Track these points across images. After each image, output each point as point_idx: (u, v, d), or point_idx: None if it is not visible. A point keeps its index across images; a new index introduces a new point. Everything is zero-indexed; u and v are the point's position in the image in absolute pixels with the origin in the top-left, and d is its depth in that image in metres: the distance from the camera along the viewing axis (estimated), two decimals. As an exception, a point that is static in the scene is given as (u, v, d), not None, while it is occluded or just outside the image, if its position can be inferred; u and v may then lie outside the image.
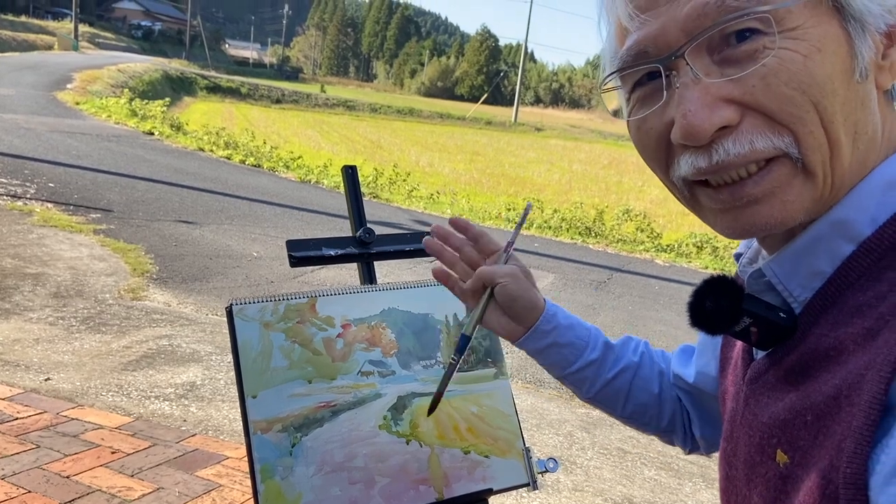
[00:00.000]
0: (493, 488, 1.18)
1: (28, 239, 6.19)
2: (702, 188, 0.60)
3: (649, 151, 0.63)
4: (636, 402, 0.97)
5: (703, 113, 0.55)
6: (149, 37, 77.08)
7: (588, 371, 0.94)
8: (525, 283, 0.91)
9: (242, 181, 11.14)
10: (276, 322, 1.14)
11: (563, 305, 0.94)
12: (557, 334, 0.92)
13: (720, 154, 0.56)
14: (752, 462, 0.63)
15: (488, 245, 0.97)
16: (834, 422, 0.52)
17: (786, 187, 0.56)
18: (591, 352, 0.94)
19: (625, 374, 0.96)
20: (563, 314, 0.94)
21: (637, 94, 0.62)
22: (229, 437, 3.21)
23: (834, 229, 0.58)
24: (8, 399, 3.28)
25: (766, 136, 0.55)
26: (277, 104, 40.33)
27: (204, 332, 4.60)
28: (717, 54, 0.56)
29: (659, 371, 1.00)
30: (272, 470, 1.06)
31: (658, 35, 0.57)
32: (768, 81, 0.54)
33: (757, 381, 0.64)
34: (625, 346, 1.00)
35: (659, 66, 0.58)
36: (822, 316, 0.58)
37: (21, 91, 19.27)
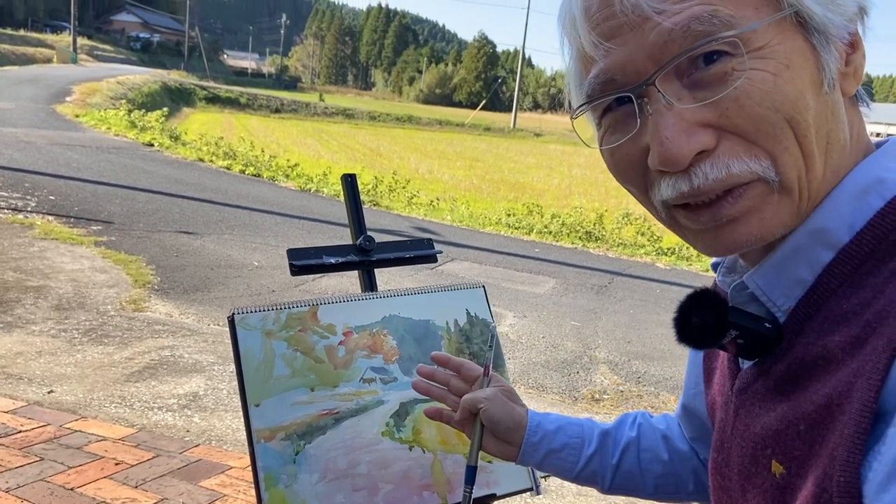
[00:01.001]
0: (497, 493, 1.18)
1: (29, 252, 6.20)
2: (680, 210, 0.60)
3: (626, 177, 0.63)
4: (653, 476, 0.97)
5: (680, 139, 0.55)
6: (147, 48, 77.36)
7: (593, 465, 0.95)
8: (505, 404, 0.93)
9: (242, 191, 11.16)
10: (279, 331, 1.14)
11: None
12: (549, 442, 0.93)
13: (700, 178, 0.56)
14: (746, 472, 0.63)
15: (470, 372, 0.99)
16: (827, 430, 0.52)
17: (762, 206, 0.56)
18: (588, 447, 0.95)
19: (629, 454, 0.96)
20: (548, 421, 0.95)
21: (607, 121, 0.62)
22: (232, 447, 3.21)
23: (812, 238, 0.58)
24: (11, 412, 3.28)
25: (742, 161, 0.55)
26: (276, 114, 40.40)
27: (206, 343, 4.60)
28: (687, 78, 0.56)
29: (662, 436, 0.99)
30: (276, 478, 1.07)
31: (626, 63, 0.57)
32: (741, 103, 0.54)
33: (746, 391, 0.64)
34: (620, 426, 1.00)
35: (630, 94, 0.57)
36: (806, 324, 0.58)
37: (20, 104, 19.32)
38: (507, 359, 4.98)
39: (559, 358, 5.23)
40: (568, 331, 5.92)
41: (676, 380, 5.01)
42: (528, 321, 6.03)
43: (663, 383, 4.93)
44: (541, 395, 4.47)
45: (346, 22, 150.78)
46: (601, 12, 0.57)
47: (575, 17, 0.60)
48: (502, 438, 0.93)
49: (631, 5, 0.55)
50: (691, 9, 0.53)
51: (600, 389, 4.72)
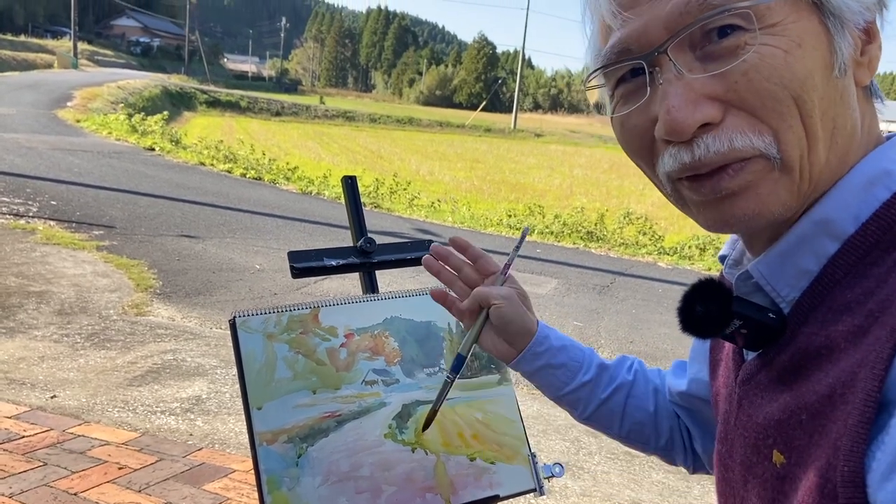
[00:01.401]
0: (500, 494, 1.18)
1: (31, 257, 6.21)
2: (683, 182, 0.61)
3: (634, 147, 0.63)
4: (632, 420, 0.97)
5: (686, 109, 0.55)
6: (148, 53, 77.46)
7: (582, 392, 0.95)
8: (520, 307, 0.92)
9: (244, 194, 11.17)
10: (280, 333, 1.14)
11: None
12: (550, 356, 0.93)
13: (701, 149, 0.56)
14: (748, 463, 0.63)
15: (487, 266, 0.98)
16: (829, 420, 0.52)
17: (761, 182, 0.57)
18: (584, 373, 0.95)
19: (619, 394, 0.97)
20: (555, 336, 0.95)
21: (620, 91, 0.63)
22: (236, 451, 3.21)
23: (818, 228, 0.58)
24: (14, 417, 3.28)
25: (745, 136, 0.55)
26: (277, 117, 40.43)
27: (208, 346, 4.60)
28: (699, 50, 0.56)
29: (654, 389, 1.00)
30: (279, 481, 1.07)
31: (641, 32, 0.58)
32: (750, 77, 0.54)
33: (749, 381, 0.65)
34: (619, 365, 1.00)
35: (642, 63, 0.58)
36: (810, 314, 0.58)
37: (21, 110, 19.36)
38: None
39: (562, 358, 5.23)
40: (570, 331, 5.92)
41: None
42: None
43: (666, 383, 4.93)
44: (544, 396, 4.47)
45: (345, 24, 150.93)
46: None
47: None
48: (506, 340, 0.92)
49: None
50: None
51: (603, 389, 4.72)
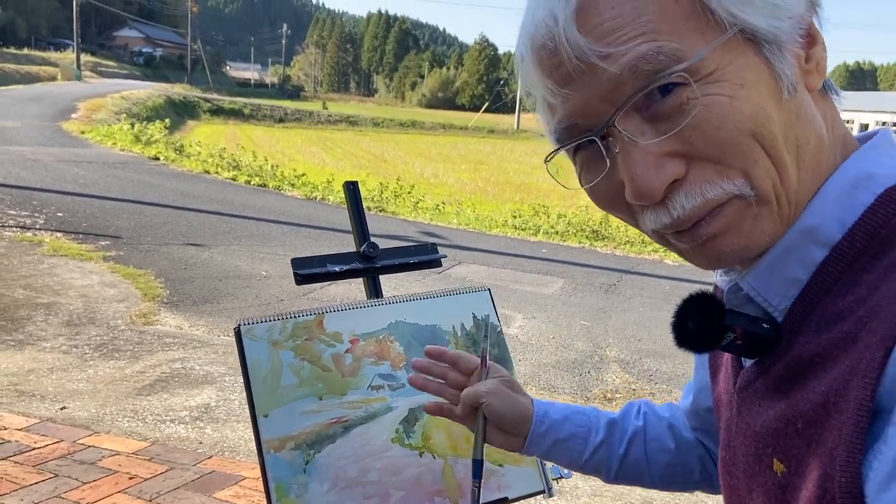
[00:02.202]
0: (509, 497, 1.18)
1: (39, 269, 6.24)
2: (668, 233, 0.61)
3: (614, 209, 0.63)
4: (659, 465, 0.96)
5: (650, 174, 0.55)
6: (150, 63, 77.72)
7: (600, 454, 0.94)
8: (507, 397, 0.91)
9: (248, 201, 11.19)
10: (285, 340, 1.14)
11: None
12: (556, 432, 0.92)
13: (678, 210, 0.56)
14: (750, 472, 0.63)
15: (467, 364, 0.97)
16: (824, 429, 0.52)
17: (739, 221, 0.57)
18: (595, 435, 0.94)
19: (636, 444, 0.96)
20: (554, 410, 0.94)
21: (580, 159, 0.62)
22: (245, 458, 3.21)
23: (804, 237, 0.58)
24: (25, 429, 3.30)
25: (715, 184, 0.55)
26: (280, 123, 40.55)
27: (216, 354, 4.61)
28: (646, 111, 0.56)
29: (668, 425, 0.98)
30: (287, 488, 1.07)
31: (584, 107, 0.57)
32: (702, 130, 0.54)
33: (747, 389, 0.64)
34: (627, 415, 0.99)
35: (594, 138, 0.58)
36: (804, 322, 0.58)
37: (26, 123, 19.47)
38: (518, 360, 4.97)
39: (570, 358, 5.22)
40: (578, 330, 5.91)
41: (689, 376, 4.97)
42: (537, 322, 6.02)
43: (675, 380, 4.91)
44: (552, 396, 4.46)
45: (346, 29, 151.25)
46: (551, 61, 0.57)
47: (530, 68, 0.60)
48: (507, 431, 0.91)
49: (576, 54, 0.55)
50: (636, 49, 0.53)
51: (612, 388, 4.71)
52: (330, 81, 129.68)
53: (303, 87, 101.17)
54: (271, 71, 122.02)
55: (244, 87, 76.28)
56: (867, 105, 68.99)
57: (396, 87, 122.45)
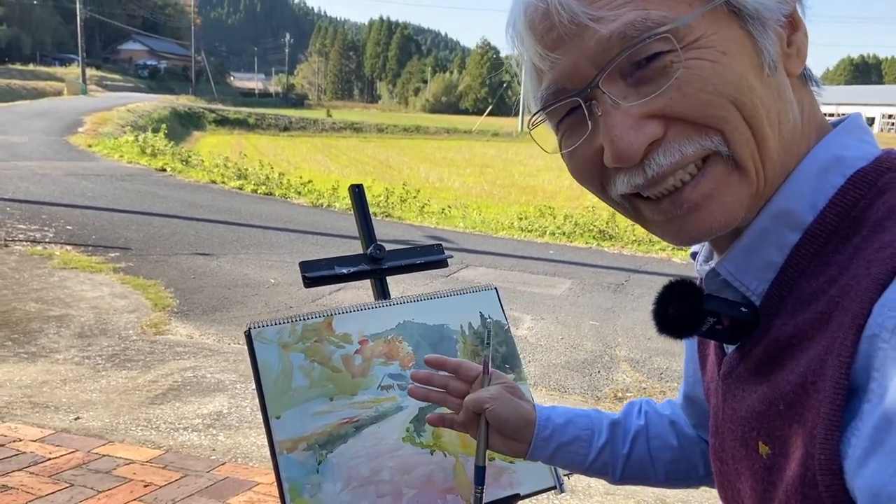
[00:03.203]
0: (521, 493, 1.18)
1: (50, 282, 6.28)
2: (643, 202, 0.62)
3: (584, 176, 0.64)
4: (663, 462, 0.96)
5: (629, 135, 0.57)
6: (155, 75, 78.12)
7: (604, 456, 0.94)
8: (510, 402, 0.91)
9: (255, 210, 11.24)
10: (295, 342, 1.15)
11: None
12: (559, 436, 0.92)
13: (653, 168, 0.58)
14: (738, 456, 0.64)
15: (469, 372, 0.97)
16: (804, 409, 0.53)
17: (723, 187, 0.58)
18: (598, 437, 0.94)
19: (639, 442, 0.96)
20: (557, 414, 0.94)
21: (563, 127, 0.64)
22: (258, 464, 3.23)
23: (777, 220, 0.59)
24: (40, 440, 3.32)
25: (693, 141, 0.57)
26: (285, 132, 40.67)
27: (227, 362, 4.64)
28: (630, 77, 0.58)
29: (669, 423, 0.99)
30: (300, 489, 1.08)
31: (572, 71, 0.59)
32: (684, 91, 0.56)
33: (730, 375, 0.65)
34: (628, 415, 0.99)
35: (578, 100, 0.59)
36: (781, 305, 0.59)
37: (34, 137, 19.60)
38: (527, 362, 4.97)
39: (579, 358, 5.22)
40: (587, 331, 5.90)
41: (699, 374, 4.97)
42: (546, 323, 6.02)
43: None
44: (563, 397, 4.46)
45: (348, 37, 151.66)
46: (543, 24, 0.59)
47: (521, 33, 0.62)
48: (510, 436, 0.92)
49: (568, 16, 0.57)
50: (626, 15, 0.55)
51: (623, 388, 4.70)
52: (333, 89, 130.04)
53: (306, 95, 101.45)
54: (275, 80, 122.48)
55: (248, 97, 76.62)
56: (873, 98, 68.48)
57: (400, 92, 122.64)
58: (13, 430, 3.42)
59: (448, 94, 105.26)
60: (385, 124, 47.57)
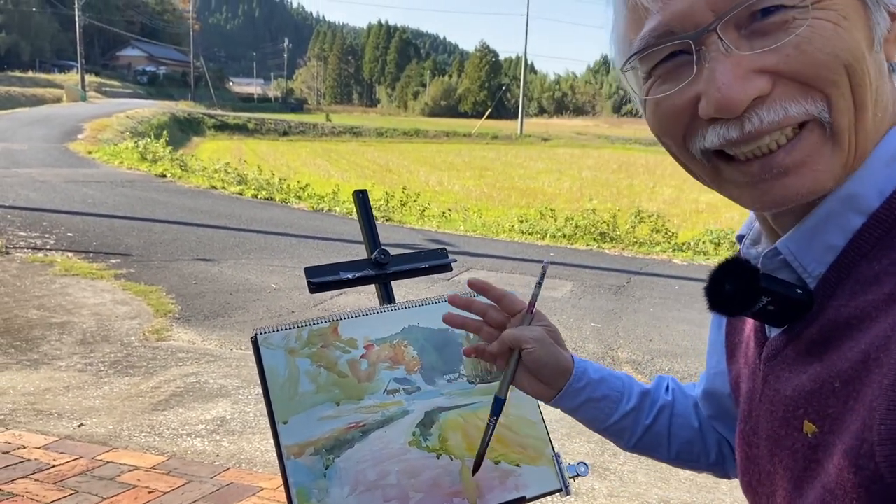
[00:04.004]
0: (527, 496, 1.19)
1: (51, 289, 6.29)
2: (726, 162, 0.61)
3: (668, 126, 0.63)
4: (679, 441, 0.96)
5: (737, 85, 0.56)
6: (154, 81, 78.22)
7: (627, 421, 0.94)
8: (552, 348, 0.90)
9: (256, 215, 11.25)
10: (301, 348, 1.16)
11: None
12: (591, 390, 0.92)
13: (753, 123, 0.57)
14: (775, 437, 0.64)
15: (512, 304, 0.95)
16: (864, 385, 0.53)
17: (816, 156, 0.58)
18: (627, 402, 0.94)
19: (662, 416, 0.96)
20: (593, 369, 0.94)
21: (659, 72, 0.62)
22: (262, 469, 3.23)
23: (844, 204, 0.59)
24: (43, 447, 3.33)
25: (798, 103, 0.56)
26: (285, 136, 40.71)
27: (230, 367, 4.64)
28: (746, 28, 0.57)
29: (693, 404, 0.99)
30: (308, 493, 1.08)
31: (686, 14, 0.58)
32: (803, 49, 0.55)
33: (775, 357, 0.65)
34: (658, 388, 0.99)
35: (690, 42, 0.58)
36: (838, 288, 0.59)
37: (34, 145, 19.63)
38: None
39: (581, 360, 5.22)
40: (588, 333, 5.91)
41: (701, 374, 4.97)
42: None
43: (687, 379, 4.89)
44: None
45: (347, 41, 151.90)
46: None
47: None
48: (543, 381, 0.91)
49: None
50: None
51: (625, 389, 4.70)
52: (332, 93, 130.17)
53: (306, 100, 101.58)
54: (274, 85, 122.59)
55: (247, 102, 76.68)
56: None
57: (399, 96, 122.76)
58: (17, 437, 3.42)
59: (447, 97, 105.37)
60: (384, 128, 47.61)
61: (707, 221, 13.23)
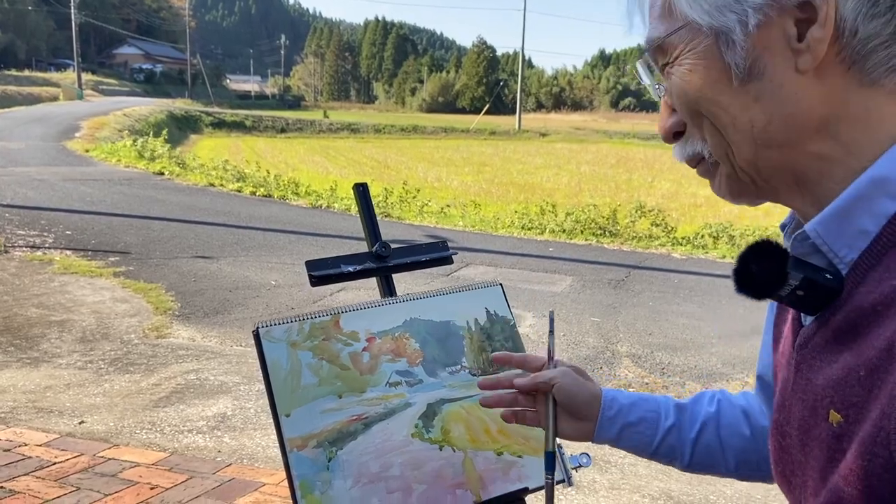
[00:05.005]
0: (529, 487, 1.19)
1: (50, 287, 6.29)
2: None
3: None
4: (734, 451, 0.95)
5: (661, 119, 0.71)
6: (151, 79, 78.02)
7: (671, 439, 0.94)
8: (577, 379, 0.94)
9: (254, 212, 11.24)
10: (303, 341, 1.16)
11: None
12: (624, 415, 0.93)
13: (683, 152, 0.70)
14: (805, 427, 0.63)
15: (535, 363, 1.00)
16: (887, 373, 0.52)
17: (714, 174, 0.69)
18: (665, 419, 0.94)
19: (708, 429, 0.95)
20: (623, 395, 0.96)
21: None
22: (264, 464, 3.24)
23: (874, 187, 0.59)
24: (45, 445, 3.33)
25: (695, 142, 0.68)
26: (282, 133, 40.64)
27: (230, 364, 4.64)
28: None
29: (742, 412, 0.97)
30: (311, 485, 1.08)
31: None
32: (672, 96, 0.67)
33: (806, 345, 0.65)
34: (698, 402, 0.99)
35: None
36: (867, 274, 0.58)
37: (31, 143, 19.59)
38: (530, 359, 4.98)
39: (581, 355, 5.23)
40: (588, 327, 5.91)
41: (701, 368, 4.98)
42: (547, 320, 6.03)
43: (688, 373, 4.91)
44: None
45: (344, 38, 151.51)
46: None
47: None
48: (577, 415, 0.93)
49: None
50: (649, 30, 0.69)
51: (625, 383, 4.71)
52: (330, 90, 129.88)
53: (303, 96, 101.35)
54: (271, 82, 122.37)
55: (245, 100, 76.46)
56: None
57: (396, 93, 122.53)
58: (18, 434, 3.42)
59: (445, 93, 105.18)
60: (382, 125, 47.54)
61: (706, 215, 13.23)
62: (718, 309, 6.73)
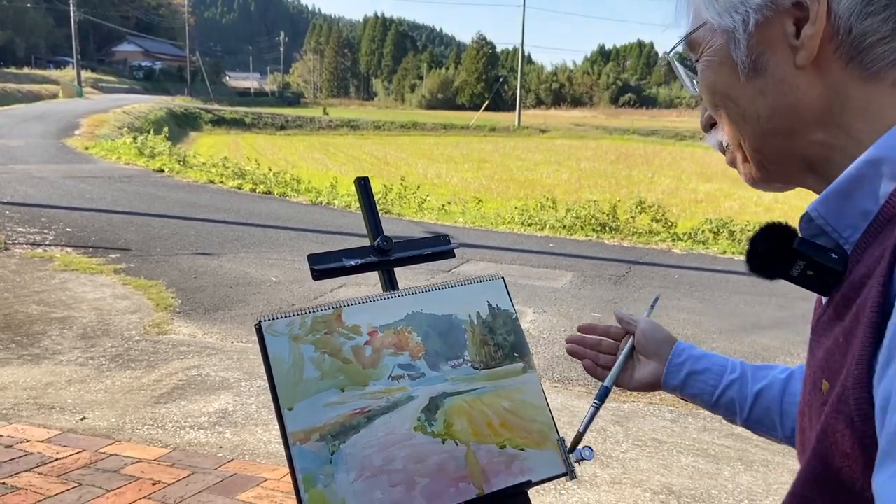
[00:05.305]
0: (532, 480, 1.19)
1: (51, 284, 6.29)
2: None
3: None
4: (792, 420, 0.95)
5: (701, 111, 0.76)
6: (150, 76, 77.84)
7: (732, 391, 0.98)
8: (659, 325, 1.08)
9: (255, 209, 11.24)
10: (305, 335, 1.16)
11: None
12: (692, 363, 1.01)
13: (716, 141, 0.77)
14: (810, 401, 0.65)
15: (617, 332, 1.14)
16: (854, 336, 0.55)
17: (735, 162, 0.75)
18: (730, 373, 0.99)
19: (771, 391, 0.97)
20: (694, 348, 1.04)
21: None
22: (265, 460, 3.24)
23: (873, 168, 0.60)
24: (47, 441, 3.33)
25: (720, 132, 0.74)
26: (282, 130, 40.61)
27: (231, 360, 4.65)
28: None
29: None
30: (314, 479, 1.08)
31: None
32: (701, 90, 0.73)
33: (817, 325, 0.67)
34: (770, 367, 1.01)
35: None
36: (865, 252, 0.60)
37: (31, 141, 19.58)
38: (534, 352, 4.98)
39: (582, 350, 5.23)
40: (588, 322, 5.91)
41: (702, 363, 4.98)
42: (548, 316, 6.03)
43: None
44: (567, 388, 4.47)
45: (343, 34, 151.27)
46: None
47: None
48: (651, 355, 1.04)
49: None
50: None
51: (626, 378, 4.71)
52: (329, 87, 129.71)
53: (302, 93, 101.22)
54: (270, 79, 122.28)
55: (244, 97, 76.41)
56: None
57: (396, 89, 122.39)
58: (20, 430, 3.43)
59: (444, 89, 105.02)
60: (382, 121, 47.49)
61: (706, 211, 13.23)
62: (719, 304, 6.74)
